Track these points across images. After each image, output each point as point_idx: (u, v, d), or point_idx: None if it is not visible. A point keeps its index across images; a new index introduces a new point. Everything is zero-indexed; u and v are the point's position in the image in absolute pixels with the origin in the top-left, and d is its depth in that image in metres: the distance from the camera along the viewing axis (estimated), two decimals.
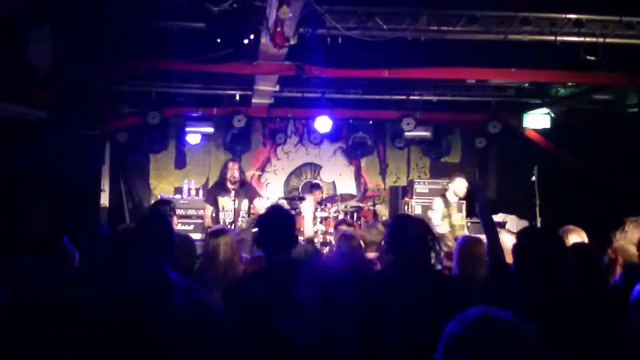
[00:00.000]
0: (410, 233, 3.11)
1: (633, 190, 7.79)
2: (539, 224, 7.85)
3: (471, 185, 7.90)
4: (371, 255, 5.29)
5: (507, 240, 5.06)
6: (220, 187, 8.11)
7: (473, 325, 1.58)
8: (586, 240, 4.98)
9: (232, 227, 7.53)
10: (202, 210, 9.11)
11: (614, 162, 8.53)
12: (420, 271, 3.03)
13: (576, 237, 5.24)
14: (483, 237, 5.14)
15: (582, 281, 3.46)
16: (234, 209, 7.83)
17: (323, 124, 9.90)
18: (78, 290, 3.38)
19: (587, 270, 3.61)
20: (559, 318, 2.58)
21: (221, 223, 7.79)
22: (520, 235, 2.96)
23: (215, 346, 2.02)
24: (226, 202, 7.97)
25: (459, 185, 8.13)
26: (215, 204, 7.99)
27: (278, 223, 3.30)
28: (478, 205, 3.86)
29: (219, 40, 5.15)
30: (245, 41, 4.96)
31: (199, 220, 9.37)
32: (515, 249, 2.83)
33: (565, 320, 2.59)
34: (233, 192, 7.91)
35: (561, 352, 2.44)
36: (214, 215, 8.00)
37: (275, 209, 3.57)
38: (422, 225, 3.17)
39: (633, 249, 4.37)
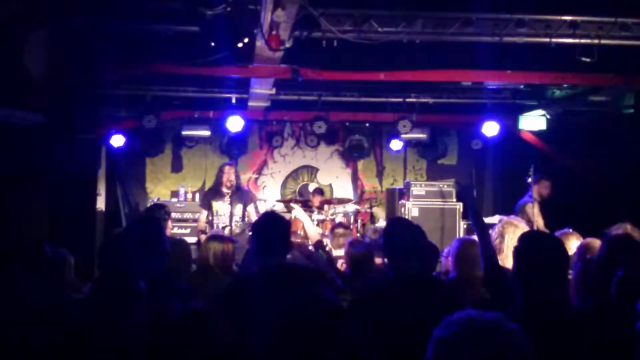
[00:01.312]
0: (404, 237, 3.10)
1: (629, 192, 7.80)
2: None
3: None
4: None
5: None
6: (215, 191, 8.10)
7: (456, 329, 1.59)
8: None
9: (226, 231, 7.52)
10: (198, 214, 9.10)
11: (610, 164, 8.54)
12: (414, 275, 3.02)
13: (576, 240, 5.25)
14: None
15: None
16: (229, 213, 7.82)
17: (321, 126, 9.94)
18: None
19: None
20: (558, 322, 2.57)
21: (215, 227, 7.78)
22: (522, 238, 2.96)
23: (213, 353, 2.01)
24: (220, 207, 7.96)
25: (545, 186, 7.98)
26: (209, 208, 7.98)
27: (271, 230, 3.31)
28: (469, 209, 3.85)
29: (213, 44, 5.14)
30: (240, 45, 4.95)
31: (196, 224, 9.36)
32: (517, 252, 2.83)
33: (563, 325, 2.59)
34: (228, 197, 7.89)
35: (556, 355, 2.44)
36: (208, 219, 7.99)
37: (268, 216, 3.59)
38: (416, 229, 3.17)
39: None
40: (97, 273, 4.12)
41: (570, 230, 5.37)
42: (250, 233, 4.61)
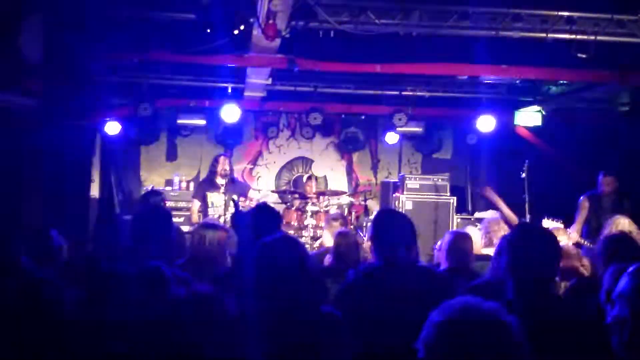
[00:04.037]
0: (392, 227, 3.12)
1: (623, 190, 7.83)
2: (527, 221, 7.87)
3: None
4: None
5: (474, 234, 5.14)
6: (209, 182, 8.09)
7: (454, 314, 1.61)
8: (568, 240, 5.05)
9: (221, 221, 7.52)
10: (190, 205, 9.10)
11: (604, 161, 8.56)
12: (402, 265, 3.04)
13: (564, 236, 5.32)
14: (471, 232, 5.22)
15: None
16: (223, 204, 7.82)
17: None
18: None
19: None
20: (546, 315, 2.60)
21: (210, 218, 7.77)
22: (516, 230, 2.98)
23: (221, 338, 2.05)
24: (216, 198, 7.95)
25: (605, 183, 7.66)
26: (204, 199, 7.96)
27: (263, 222, 3.35)
28: None
29: (208, 31, 5.12)
30: (235, 32, 4.94)
31: (189, 213, 9.36)
32: (510, 244, 2.84)
33: (552, 317, 2.61)
34: (223, 188, 7.89)
35: (545, 347, 2.47)
36: (200, 210, 7.97)
37: (261, 208, 3.63)
38: (404, 220, 3.18)
39: None
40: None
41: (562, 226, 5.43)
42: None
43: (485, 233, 5.43)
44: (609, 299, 2.23)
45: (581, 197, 7.84)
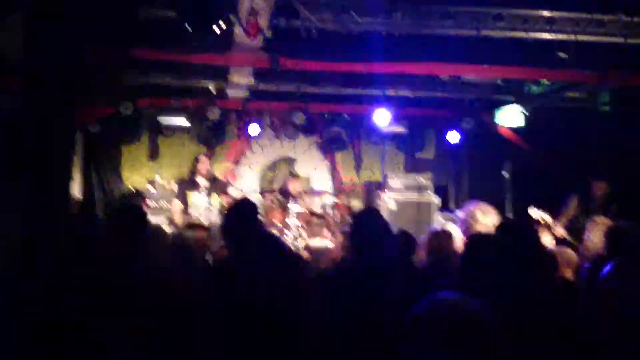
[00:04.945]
0: (371, 226, 3.13)
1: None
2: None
3: None
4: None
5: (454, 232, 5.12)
6: (190, 182, 8.03)
7: (435, 311, 1.61)
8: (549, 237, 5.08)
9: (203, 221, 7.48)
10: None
11: (586, 161, 8.64)
12: (381, 262, 3.04)
13: (548, 235, 5.35)
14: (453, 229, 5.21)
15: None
16: (205, 204, 7.78)
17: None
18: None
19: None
20: (531, 311, 2.61)
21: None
22: (496, 228, 2.99)
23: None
24: (196, 198, 7.89)
25: (598, 187, 7.52)
26: (184, 199, 7.91)
27: (243, 217, 3.34)
28: None
29: (190, 29, 5.10)
30: (215, 28, 4.92)
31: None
32: (493, 241, 2.85)
33: (535, 313, 2.63)
34: (204, 188, 7.85)
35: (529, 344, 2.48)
36: (182, 210, 7.92)
37: (241, 203, 3.63)
38: (379, 218, 3.20)
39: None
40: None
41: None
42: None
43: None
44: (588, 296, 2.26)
45: (572, 194, 7.88)
